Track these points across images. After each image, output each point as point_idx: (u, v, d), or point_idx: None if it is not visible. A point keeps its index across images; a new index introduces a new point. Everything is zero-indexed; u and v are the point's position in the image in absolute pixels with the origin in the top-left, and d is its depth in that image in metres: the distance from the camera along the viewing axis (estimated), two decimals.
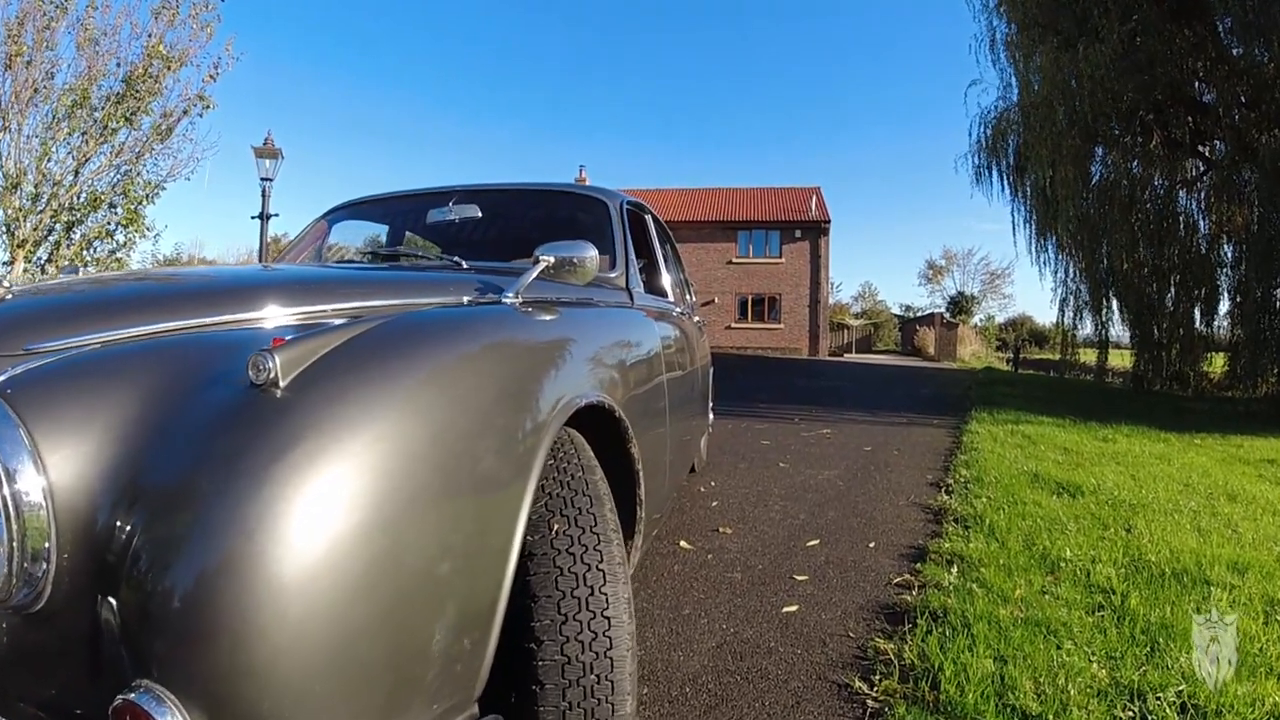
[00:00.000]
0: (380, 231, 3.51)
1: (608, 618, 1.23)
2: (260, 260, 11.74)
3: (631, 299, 2.54)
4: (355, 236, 3.52)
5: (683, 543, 3.32)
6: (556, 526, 1.25)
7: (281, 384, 0.92)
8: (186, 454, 0.89)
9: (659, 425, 2.32)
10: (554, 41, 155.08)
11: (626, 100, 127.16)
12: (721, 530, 3.53)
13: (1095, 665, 2.13)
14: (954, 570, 2.88)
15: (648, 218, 3.56)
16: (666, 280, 3.55)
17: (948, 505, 4.01)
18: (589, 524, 1.29)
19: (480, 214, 2.98)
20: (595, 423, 1.64)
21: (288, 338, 0.97)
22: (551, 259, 1.80)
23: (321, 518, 0.84)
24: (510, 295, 1.57)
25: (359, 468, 0.89)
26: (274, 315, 1.33)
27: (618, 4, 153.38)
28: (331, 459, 0.87)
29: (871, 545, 3.34)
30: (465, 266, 2.16)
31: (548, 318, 1.64)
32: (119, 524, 0.86)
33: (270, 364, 0.91)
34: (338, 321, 1.24)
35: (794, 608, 2.61)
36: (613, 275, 2.57)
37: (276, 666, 0.79)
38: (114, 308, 1.25)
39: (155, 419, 0.94)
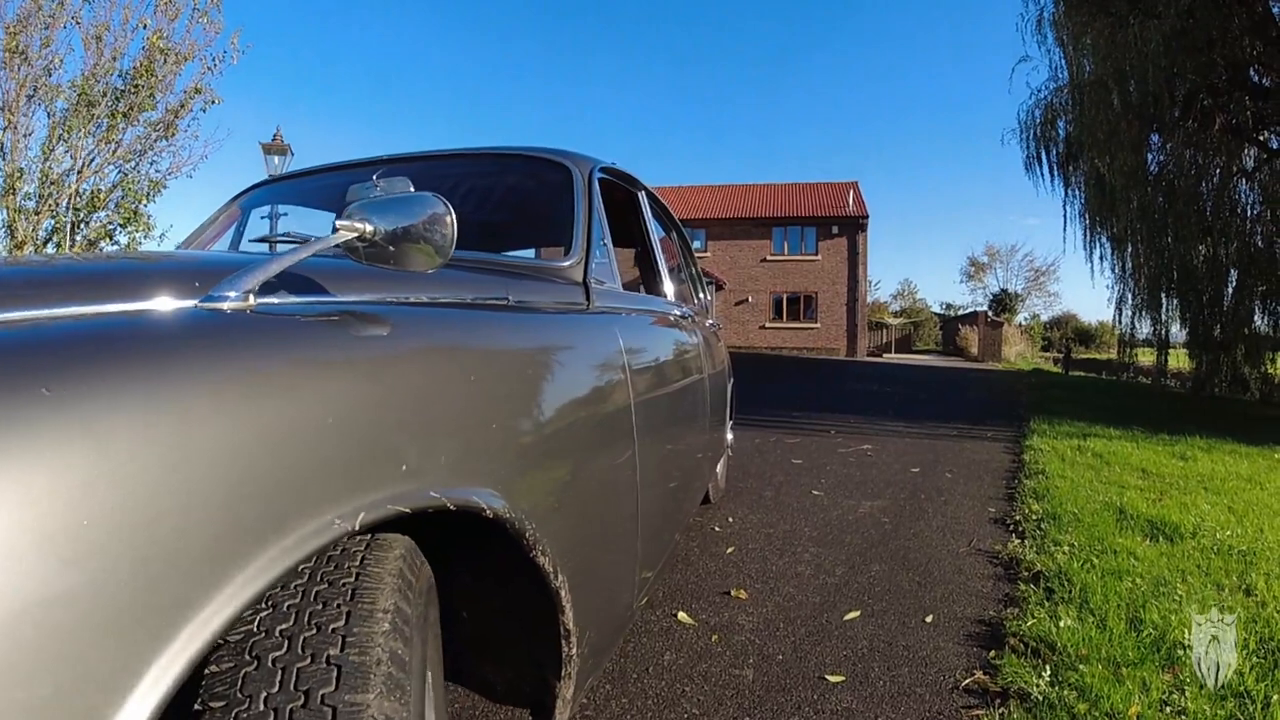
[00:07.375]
0: (307, 214, 2.81)
1: None
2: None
3: (588, 298, 1.78)
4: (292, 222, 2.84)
5: (681, 614, 2.56)
6: None
7: None
8: None
9: (615, 484, 1.56)
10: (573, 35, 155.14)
11: (655, 97, 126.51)
12: (734, 594, 2.75)
13: None
14: (1045, 671, 2.07)
15: (640, 195, 2.81)
16: (664, 274, 2.81)
17: (1021, 555, 3.18)
18: None
19: (413, 189, 2.26)
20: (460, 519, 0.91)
21: None
22: (366, 227, 1.04)
23: None
24: (232, 291, 0.79)
25: None
26: None
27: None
28: None
29: (929, 620, 2.54)
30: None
31: (376, 331, 0.91)
32: None
33: None
34: None
35: None
36: (564, 264, 1.81)
37: None
38: None
39: None
